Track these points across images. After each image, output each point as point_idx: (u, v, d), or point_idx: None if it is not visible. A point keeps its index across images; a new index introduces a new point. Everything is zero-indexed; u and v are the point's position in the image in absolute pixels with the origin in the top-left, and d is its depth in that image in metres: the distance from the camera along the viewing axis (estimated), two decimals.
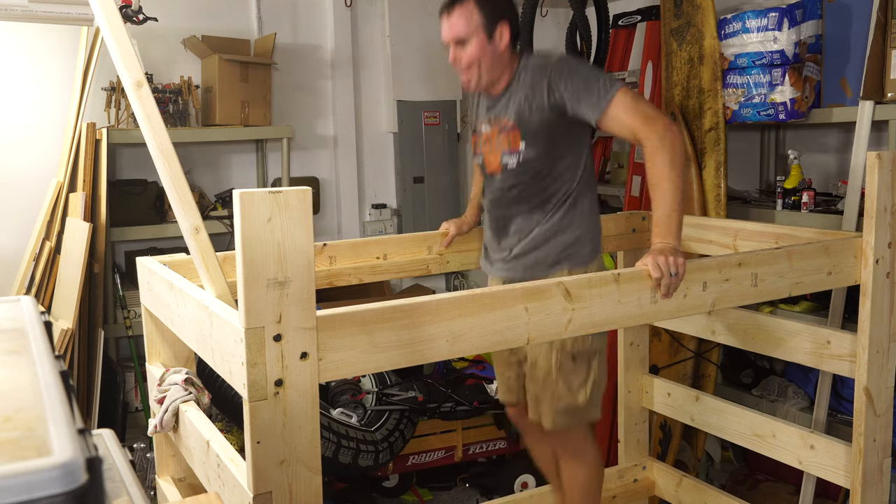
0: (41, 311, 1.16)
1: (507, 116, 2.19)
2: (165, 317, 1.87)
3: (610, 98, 2.02)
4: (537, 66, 2.15)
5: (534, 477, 3.40)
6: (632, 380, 2.88)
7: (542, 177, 2.18)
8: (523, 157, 2.17)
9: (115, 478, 1.26)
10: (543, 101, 2.10)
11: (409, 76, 4.29)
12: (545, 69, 2.11)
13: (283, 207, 1.29)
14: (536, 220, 2.22)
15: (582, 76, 2.06)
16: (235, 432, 3.02)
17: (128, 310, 3.44)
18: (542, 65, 2.13)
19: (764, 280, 1.95)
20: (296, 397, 1.35)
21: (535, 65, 2.16)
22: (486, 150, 2.28)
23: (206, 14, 3.85)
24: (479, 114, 2.34)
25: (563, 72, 2.08)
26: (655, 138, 1.96)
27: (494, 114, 2.24)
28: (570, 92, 2.06)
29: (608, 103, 2.02)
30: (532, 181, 2.19)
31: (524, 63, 2.19)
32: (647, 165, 1.98)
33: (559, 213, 2.20)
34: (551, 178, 2.18)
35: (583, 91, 2.04)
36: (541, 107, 2.11)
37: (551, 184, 2.19)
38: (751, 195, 3.40)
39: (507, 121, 2.19)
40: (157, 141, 1.62)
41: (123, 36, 1.61)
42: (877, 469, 2.14)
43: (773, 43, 2.84)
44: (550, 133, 2.14)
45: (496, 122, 2.23)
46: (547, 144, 2.15)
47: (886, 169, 2.01)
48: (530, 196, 2.21)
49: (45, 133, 3.53)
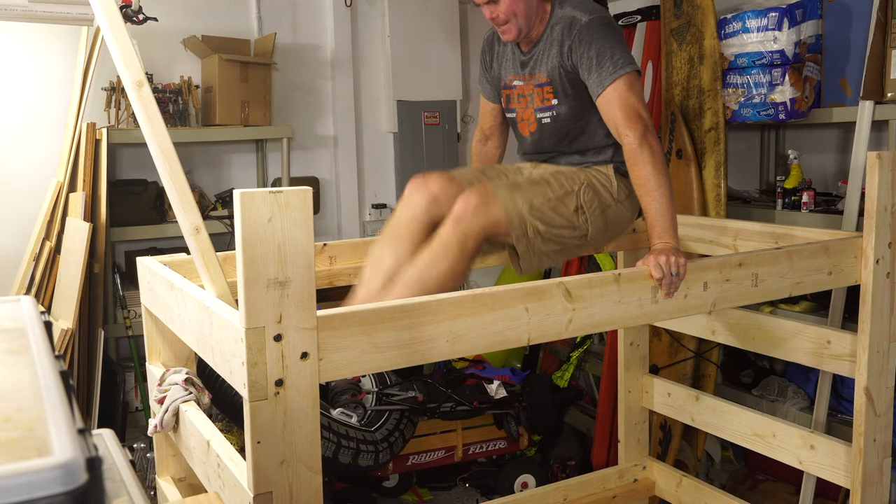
0: (41, 311, 1.16)
1: (540, 71, 2.20)
2: (166, 317, 1.87)
3: (613, 80, 2.03)
4: (567, 23, 2.12)
5: (534, 477, 3.41)
6: (632, 380, 2.88)
7: (576, 132, 2.21)
8: (557, 112, 2.20)
9: (115, 478, 1.26)
10: (566, 60, 2.12)
11: (409, 76, 4.29)
12: (572, 29, 2.10)
13: (284, 207, 1.29)
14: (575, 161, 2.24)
15: (599, 48, 2.05)
16: (235, 432, 3.01)
17: (128, 310, 3.44)
18: (571, 23, 2.11)
19: (764, 280, 1.95)
20: (296, 397, 1.35)
21: (565, 21, 2.13)
22: (519, 107, 2.29)
23: (206, 14, 3.85)
24: (508, 67, 2.32)
25: (583, 38, 2.07)
26: (633, 137, 1.97)
27: (528, 69, 2.24)
28: (584, 59, 2.07)
29: (609, 84, 2.03)
30: (567, 137, 2.22)
31: (558, 14, 2.17)
32: (629, 165, 2.00)
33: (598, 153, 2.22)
34: (587, 135, 2.21)
35: (595, 64, 2.06)
36: (565, 66, 2.13)
37: (588, 139, 2.21)
38: (751, 195, 3.40)
39: (541, 76, 2.20)
40: (158, 141, 1.62)
41: (124, 35, 1.61)
42: (877, 469, 2.14)
43: (773, 43, 2.84)
44: (581, 89, 2.15)
45: (530, 77, 2.24)
46: (578, 101, 2.16)
47: (886, 169, 2.01)
48: (566, 150, 2.24)
49: (45, 133, 3.52)
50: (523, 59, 2.26)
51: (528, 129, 2.28)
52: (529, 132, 2.28)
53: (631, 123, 1.99)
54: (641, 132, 1.97)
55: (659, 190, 1.94)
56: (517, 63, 2.28)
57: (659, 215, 1.93)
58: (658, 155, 1.97)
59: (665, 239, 1.89)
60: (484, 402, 3.34)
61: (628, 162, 2.00)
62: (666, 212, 1.93)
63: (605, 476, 2.85)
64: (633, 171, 1.99)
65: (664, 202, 1.93)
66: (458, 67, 4.41)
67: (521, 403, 3.44)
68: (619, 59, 2.04)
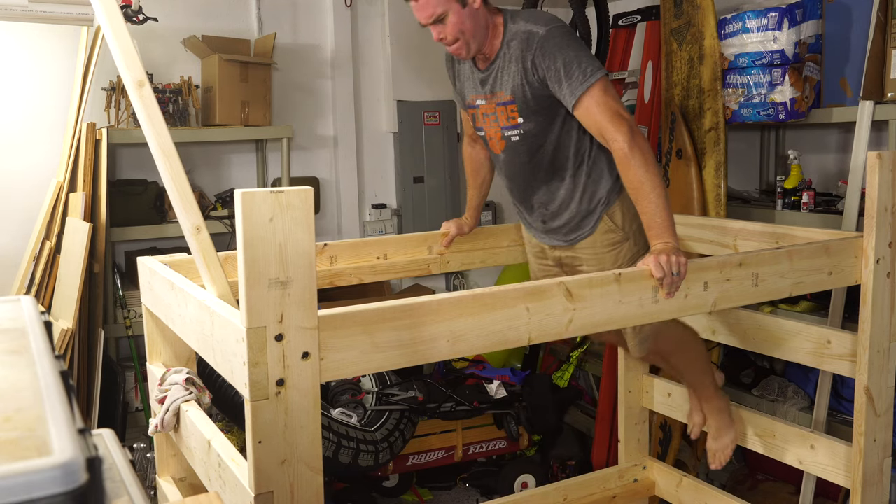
0: (41, 311, 1.16)
1: (502, 89, 2.16)
2: (166, 316, 1.87)
3: (586, 88, 2.00)
4: (524, 37, 2.08)
5: (534, 477, 3.41)
6: (632, 380, 2.88)
7: (547, 147, 2.18)
8: (524, 130, 2.17)
9: (115, 478, 1.26)
10: (531, 76, 2.08)
11: (409, 76, 4.29)
12: (531, 43, 2.06)
13: (285, 207, 1.29)
14: (555, 188, 2.22)
15: (564, 58, 2.02)
16: (236, 432, 3.01)
17: (128, 310, 3.44)
18: (529, 37, 2.07)
19: (765, 280, 1.95)
20: (297, 397, 1.35)
21: (521, 35, 2.09)
22: (486, 125, 2.26)
23: (206, 14, 3.85)
24: (468, 86, 2.28)
25: (546, 50, 2.04)
26: (623, 140, 1.95)
27: (489, 87, 2.20)
28: (552, 72, 2.04)
29: (584, 92, 2.00)
30: (539, 152, 2.19)
31: (512, 29, 2.12)
32: (621, 169, 1.99)
33: (576, 174, 2.20)
34: (559, 147, 2.18)
35: (564, 75, 2.02)
36: (530, 81, 2.09)
37: (560, 151, 2.19)
38: (751, 195, 3.40)
39: (503, 94, 2.16)
40: (159, 141, 1.62)
41: (125, 35, 1.61)
42: (877, 469, 2.14)
43: (773, 43, 2.84)
44: (547, 104, 2.12)
45: (492, 96, 2.20)
46: (545, 115, 2.14)
47: (886, 169, 2.01)
48: (542, 166, 2.21)
49: (45, 133, 3.52)
50: (482, 76, 2.21)
51: (498, 147, 2.26)
52: (501, 150, 2.25)
53: (617, 126, 1.97)
54: (629, 134, 1.96)
55: (654, 191, 1.93)
56: (476, 82, 2.24)
57: (656, 216, 1.93)
58: (648, 155, 1.96)
59: (664, 238, 1.89)
60: (484, 402, 3.34)
61: (620, 166, 1.98)
62: (663, 211, 1.92)
63: (605, 476, 2.85)
64: (625, 174, 1.97)
65: (660, 202, 1.93)
66: None
67: (521, 403, 3.44)
68: (588, 67, 2.01)
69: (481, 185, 2.58)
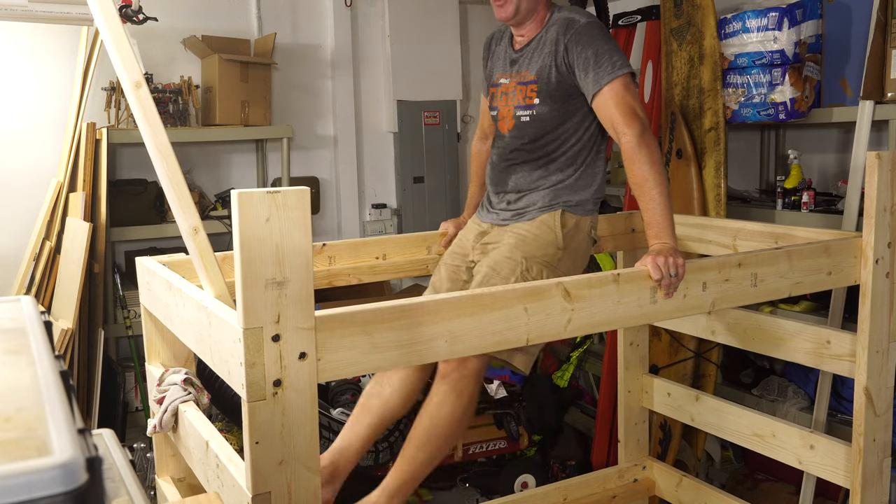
0: (41, 311, 1.16)
1: (529, 70, 2.21)
2: (164, 317, 1.87)
3: (611, 79, 2.04)
4: (564, 23, 2.14)
5: (534, 477, 3.41)
6: (632, 380, 2.88)
7: (552, 136, 2.20)
8: (537, 112, 2.20)
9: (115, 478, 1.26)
10: (560, 59, 2.13)
11: (409, 76, 4.29)
12: (569, 29, 2.11)
13: (282, 207, 1.29)
14: (536, 177, 2.23)
15: (596, 49, 2.07)
16: (235, 432, 3.01)
17: (128, 310, 3.44)
18: (568, 24, 2.13)
19: (764, 280, 1.95)
20: (294, 397, 1.35)
21: (561, 22, 2.15)
22: (501, 103, 2.30)
23: (206, 14, 3.85)
24: (498, 66, 2.34)
25: (581, 37, 2.08)
26: (632, 135, 1.98)
27: (517, 67, 2.25)
28: (581, 59, 2.08)
29: (607, 83, 2.04)
30: (542, 139, 2.21)
31: (553, 16, 2.19)
32: (627, 165, 2.01)
33: (564, 172, 2.21)
34: (562, 140, 2.20)
35: (592, 64, 2.06)
36: (558, 65, 2.13)
37: (562, 145, 2.20)
38: (751, 195, 3.40)
39: (528, 74, 2.21)
40: (156, 142, 1.62)
41: (122, 36, 1.61)
42: (877, 469, 2.14)
43: (773, 43, 2.84)
44: (566, 92, 2.15)
45: (517, 74, 2.24)
46: (560, 103, 2.17)
47: (886, 169, 2.01)
48: (535, 153, 2.23)
49: (45, 133, 3.53)
50: (514, 56, 2.27)
51: (506, 126, 2.28)
52: (507, 129, 2.28)
53: (629, 122, 2.00)
54: (640, 131, 1.98)
55: (656, 189, 1.94)
56: (507, 61, 2.29)
57: (657, 215, 1.94)
58: (656, 155, 1.98)
59: (663, 239, 1.89)
60: (484, 402, 3.34)
61: (626, 160, 2.01)
62: (663, 211, 1.94)
63: (605, 476, 2.85)
64: (630, 169, 2.00)
65: (661, 202, 1.94)
66: (458, 67, 4.41)
67: (521, 403, 3.44)
68: (617, 61, 2.05)
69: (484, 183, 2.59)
